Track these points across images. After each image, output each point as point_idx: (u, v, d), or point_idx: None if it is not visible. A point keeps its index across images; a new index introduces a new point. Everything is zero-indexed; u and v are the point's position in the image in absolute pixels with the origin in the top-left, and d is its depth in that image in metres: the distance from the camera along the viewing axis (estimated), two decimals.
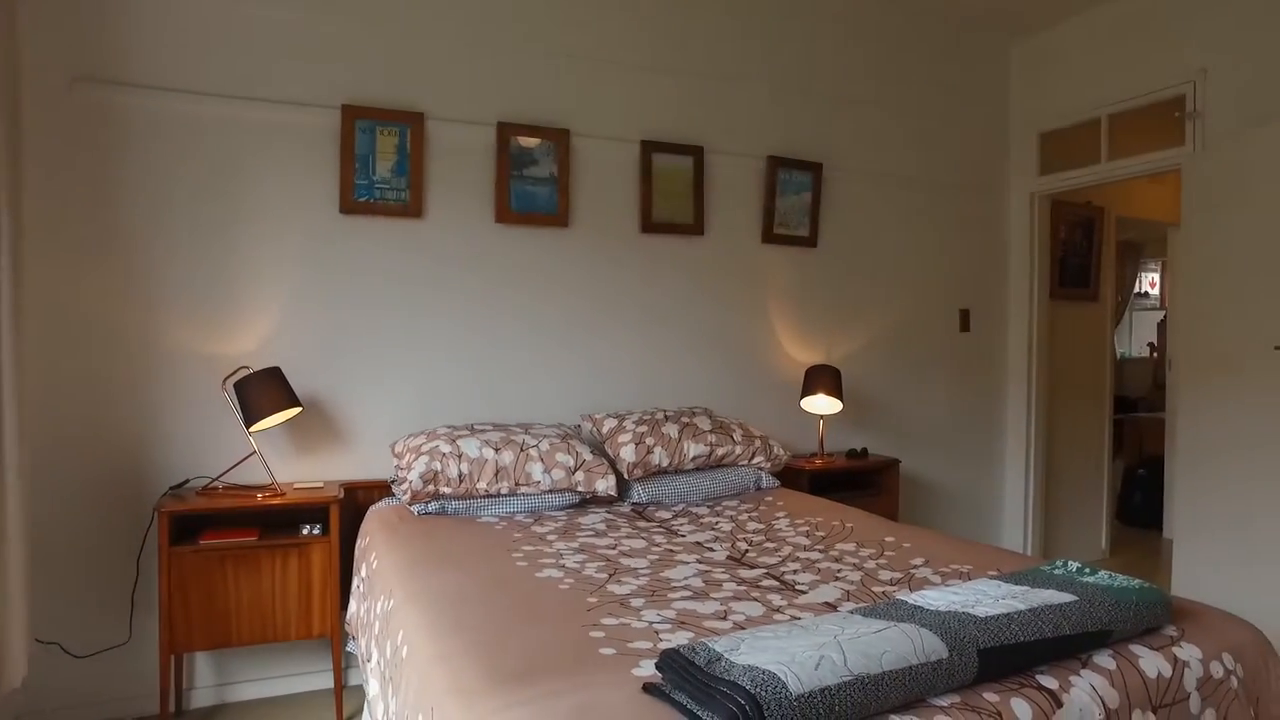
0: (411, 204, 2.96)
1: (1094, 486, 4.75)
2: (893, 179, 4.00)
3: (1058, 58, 4.17)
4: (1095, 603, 1.50)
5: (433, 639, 1.56)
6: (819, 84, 3.79)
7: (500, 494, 2.67)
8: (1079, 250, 4.63)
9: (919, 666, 1.24)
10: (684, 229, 3.44)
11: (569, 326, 3.27)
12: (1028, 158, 4.33)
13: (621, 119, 3.34)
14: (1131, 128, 3.88)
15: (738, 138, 3.58)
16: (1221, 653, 1.56)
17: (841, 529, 2.45)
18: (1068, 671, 1.40)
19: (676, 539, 2.36)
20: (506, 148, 3.10)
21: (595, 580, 1.92)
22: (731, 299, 3.58)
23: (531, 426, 2.90)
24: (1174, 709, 1.45)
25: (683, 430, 2.98)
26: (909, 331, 4.08)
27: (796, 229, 3.69)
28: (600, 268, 3.32)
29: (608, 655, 1.44)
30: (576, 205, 3.26)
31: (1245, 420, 3.01)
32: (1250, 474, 2.99)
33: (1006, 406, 4.42)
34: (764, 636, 1.33)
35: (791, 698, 1.12)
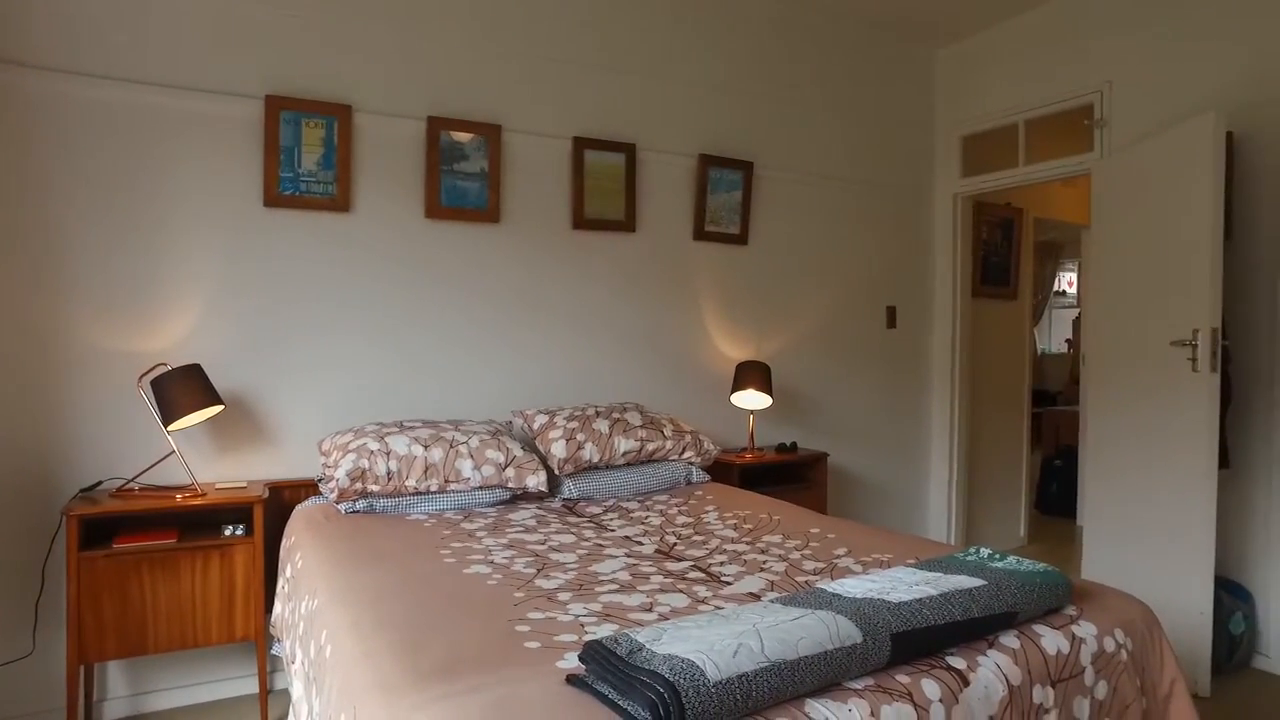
0: (339, 198, 2.91)
1: (1014, 477, 4.94)
2: (822, 179, 4.09)
3: (979, 65, 4.33)
4: (1002, 587, 1.57)
5: (356, 637, 1.54)
6: (751, 84, 3.85)
7: (430, 491, 2.64)
8: (999, 250, 4.81)
9: (834, 652, 1.29)
10: (616, 225, 3.46)
11: (500, 322, 3.25)
12: (951, 160, 4.48)
13: (554, 115, 3.34)
14: (1046, 133, 4.05)
15: (670, 136, 3.61)
16: (1114, 629, 1.65)
17: (769, 521, 2.50)
18: (975, 652, 1.47)
19: (606, 534, 2.38)
20: (437, 142, 3.07)
21: (523, 575, 1.93)
22: (663, 295, 3.62)
23: (462, 423, 2.87)
24: (1071, 683, 1.53)
25: (613, 426, 3.00)
26: (838, 328, 4.18)
27: (727, 227, 3.75)
28: (532, 264, 3.31)
29: (532, 649, 1.45)
30: (508, 201, 3.25)
31: (1145, 412, 3.17)
32: (1148, 461, 3.15)
33: (931, 401, 4.57)
34: (685, 626, 1.35)
35: (709, 684, 1.15)
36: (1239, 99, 3.20)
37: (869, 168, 4.27)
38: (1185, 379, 2.96)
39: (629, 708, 1.17)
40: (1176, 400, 3.01)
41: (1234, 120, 3.18)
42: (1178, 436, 3.00)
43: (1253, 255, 3.18)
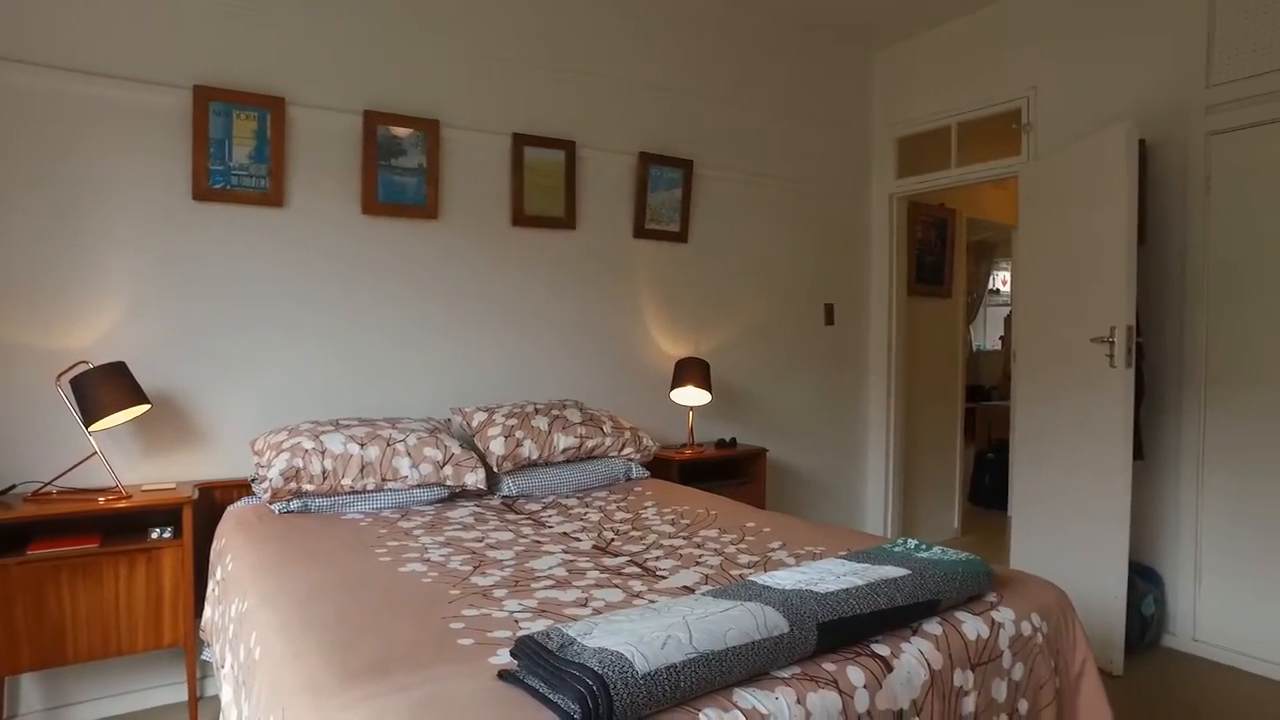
0: (272, 192, 2.85)
1: (948, 471, 5.09)
2: (761, 178, 4.15)
3: (913, 69, 4.44)
4: (926, 576, 1.63)
5: (285, 638, 1.52)
6: (691, 84, 3.88)
7: (366, 490, 2.61)
8: (934, 249, 4.94)
9: (761, 642, 1.32)
10: (556, 222, 3.46)
11: (439, 319, 3.22)
12: (886, 161, 4.58)
13: (494, 112, 3.32)
14: (978, 136, 4.17)
15: (610, 133, 3.62)
16: (1031, 613, 1.73)
17: (706, 516, 2.53)
18: (899, 639, 1.52)
19: (544, 530, 2.38)
20: (374, 137, 3.02)
21: (459, 573, 1.92)
22: (603, 292, 3.63)
23: (399, 421, 2.85)
24: (989, 666, 1.60)
25: (553, 423, 3.00)
26: (776, 325, 4.24)
27: (668, 224, 3.78)
28: (471, 260, 3.29)
29: (466, 646, 1.45)
30: (446, 197, 3.22)
31: (1067, 406, 3.30)
32: (1069, 453, 3.28)
33: (868, 396, 4.68)
34: (617, 620, 1.37)
35: (638, 676, 1.17)
36: (1152, 109, 3.34)
37: (807, 167, 4.35)
38: (1103, 374, 3.08)
39: (559, 701, 1.18)
40: (1095, 395, 3.14)
41: (1147, 129, 3.33)
42: (1096, 429, 3.13)
43: (1165, 257, 3.33)
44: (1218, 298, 3.19)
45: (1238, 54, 3.11)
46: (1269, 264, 3.04)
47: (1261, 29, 3.05)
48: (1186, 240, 3.27)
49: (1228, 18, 3.13)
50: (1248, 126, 3.09)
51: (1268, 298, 3.05)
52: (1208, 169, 3.20)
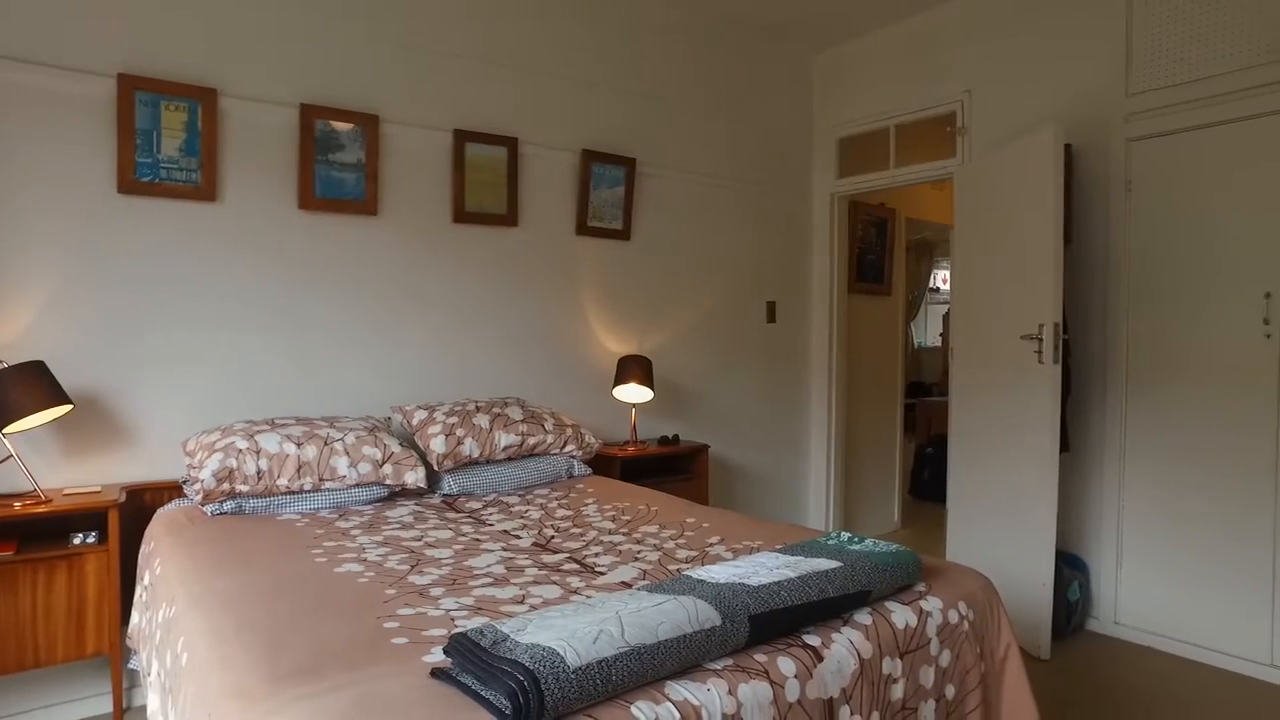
0: (204, 186, 2.77)
1: (889, 465, 5.20)
2: (704, 176, 4.18)
3: (853, 70, 4.52)
4: (857, 568, 1.67)
5: (213, 643, 1.49)
6: (634, 82, 3.90)
7: (303, 490, 2.56)
8: (874, 248, 5.04)
9: (693, 635, 1.34)
10: (497, 219, 3.44)
11: (380, 317, 3.18)
12: (827, 161, 4.66)
13: (434, 107, 3.29)
14: (915, 138, 4.27)
15: (552, 130, 3.62)
16: (958, 601, 1.78)
17: (647, 512, 2.55)
18: (830, 630, 1.55)
19: (484, 528, 2.37)
20: (311, 131, 2.97)
21: (396, 572, 1.90)
22: (545, 290, 3.62)
23: (337, 420, 2.80)
24: (917, 653, 1.65)
25: (494, 420, 2.99)
26: (719, 322, 4.29)
27: (610, 222, 3.78)
28: (411, 257, 3.25)
29: (400, 645, 1.44)
30: (386, 193, 3.17)
31: (999, 401, 3.41)
32: (1001, 446, 3.38)
33: (810, 393, 4.75)
34: (551, 616, 1.38)
35: (569, 670, 1.18)
36: (1077, 115, 3.47)
37: (750, 167, 4.40)
38: (1032, 370, 3.19)
39: (490, 697, 1.18)
40: (1025, 390, 3.24)
41: (1073, 134, 3.45)
42: (1026, 423, 3.24)
43: (1090, 258, 3.46)
44: (1138, 297, 3.32)
45: (1153, 66, 3.24)
46: (1183, 266, 3.18)
47: (1172, 44, 3.18)
48: (1109, 242, 3.40)
49: (1143, 32, 3.27)
50: (1162, 134, 3.22)
51: (1183, 298, 3.19)
52: (1128, 174, 3.33)
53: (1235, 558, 3.05)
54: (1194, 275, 3.16)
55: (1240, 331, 3.03)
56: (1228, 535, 3.07)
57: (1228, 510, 3.06)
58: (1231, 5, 3.03)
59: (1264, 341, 2.97)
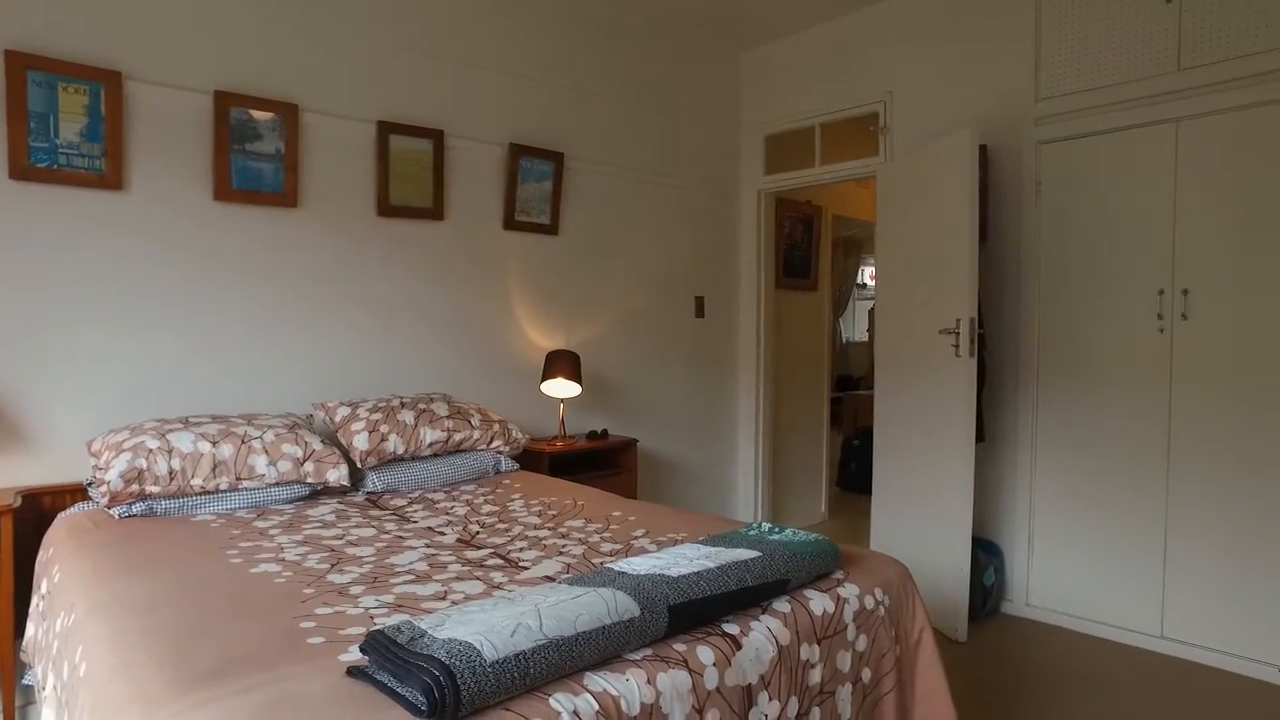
0: (110, 174, 2.65)
1: (816, 458, 5.31)
2: (633, 172, 4.19)
3: (780, 69, 4.59)
4: (775, 557, 1.70)
5: (115, 649, 1.43)
6: (562, 76, 3.88)
7: (219, 490, 2.48)
8: (801, 244, 5.13)
9: (612, 626, 1.34)
10: (423, 213, 3.38)
11: (300, 311, 3.10)
12: (755, 158, 4.72)
13: (357, 98, 3.21)
14: (840, 137, 4.36)
15: (479, 124, 3.57)
16: (874, 588, 1.84)
17: (573, 507, 2.55)
18: (749, 618, 1.58)
19: (408, 525, 2.34)
20: (226, 119, 2.87)
21: (315, 571, 1.86)
22: (472, 285, 3.58)
23: (256, 417, 2.72)
24: (835, 639, 1.69)
25: (419, 416, 2.95)
26: (648, 317, 4.31)
27: (538, 216, 3.76)
28: (334, 250, 3.18)
29: (316, 644, 1.41)
30: (307, 185, 3.09)
31: (919, 393, 3.52)
32: (921, 437, 3.49)
33: (738, 387, 4.82)
34: (470, 611, 1.37)
35: (486, 664, 1.17)
36: (992, 117, 3.60)
37: (678, 163, 4.43)
38: (950, 363, 3.30)
39: (406, 694, 1.17)
40: (943, 382, 3.35)
41: (989, 135, 3.58)
42: (944, 414, 3.35)
43: (1004, 256, 3.59)
44: (1047, 294, 3.47)
45: (1059, 73, 3.39)
46: (1087, 264, 3.34)
47: (1076, 52, 3.33)
48: (1021, 240, 3.53)
49: (1050, 40, 3.41)
50: (1068, 138, 3.37)
51: (1087, 294, 3.34)
52: (1038, 175, 3.48)
53: (1131, 538, 3.22)
54: (1097, 273, 3.31)
55: (1138, 326, 3.20)
56: (1125, 517, 3.23)
57: (1125, 493, 3.23)
58: (1128, 19, 3.18)
59: (1158, 335, 3.14)
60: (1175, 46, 3.07)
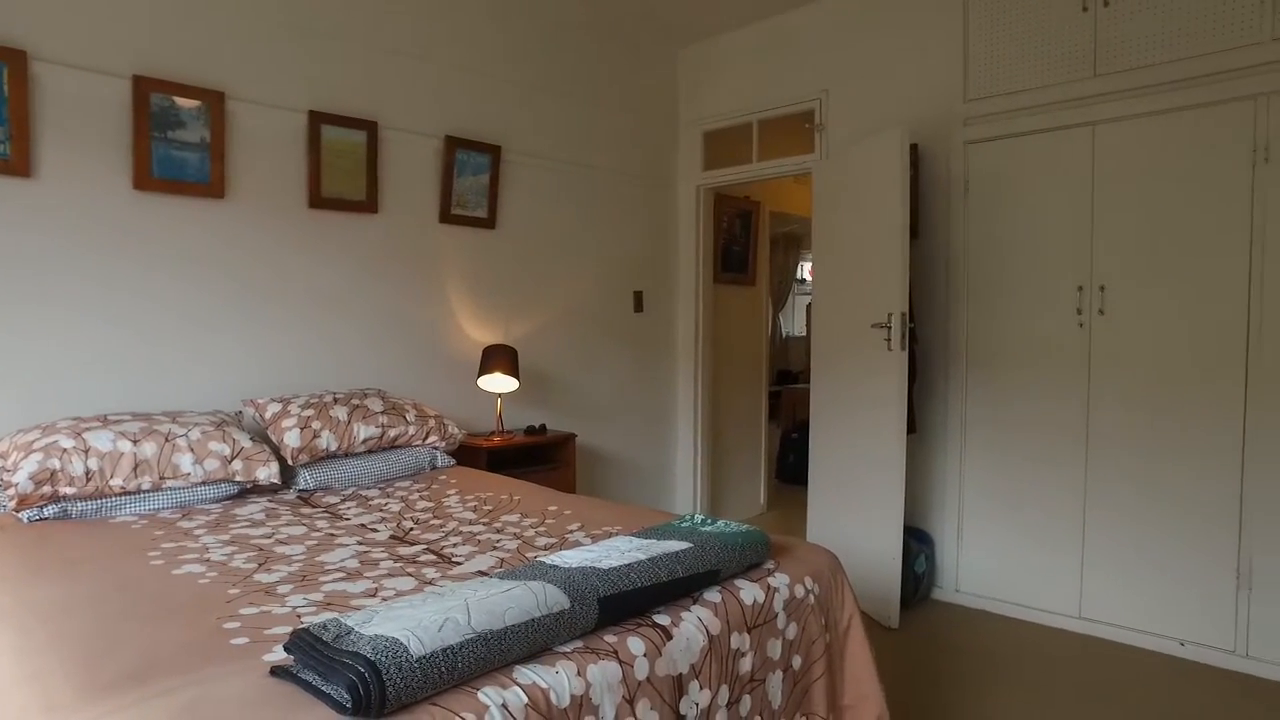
0: (15, 160, 2.53)
1: (755, 450, 5.38)
2: (571, 165, 4.18)
3: (718, 65, 4.62)
4: (706, 548, 1.72)
5: (21, 659, 1.37)
6: (500, 68, 3.84)
7: (141, 490, 2.40)
8: (739, 240, 5.18)
9: (541, 619, 1.35)
10: (357, 206, 3.32)
11: (229, 306, 3.01)
12: (693, 153, 4.76)
13: (287, 86, 3.13)
14: (777, 133, 4.42)
15: (415, 116, 3.52)
16: (804, 576, 1.88)
17: (510, 502, 2.55)
18: (680, 609, 1.60)
19: (340, 523, 2.30)
20: (146, 105, 2.76)
21: (241, 571, 1.82)
22: (408, 279, 3.53)
23: (181, 415, 2.64)
24: (765, 627, 1.72)
25: (353, 412, 2.90)
26: (586, 312, 4.31)
27: (475, 210, 3.73)
28: (264, 243, 3.09)
29: (239, 645, 1.38)
30: (235, 175, 3.00)
31: (853, 386, 3.59)
32: (855, 429, 3.58)
33: (677, 381, 4.85)
34: (399, 607, 1.36)
35: (412, 660, 1.17)
36: (924, 116, 3.69)
37: (617, 157, 4.44)
38: (882, 356, 3.38)
39: (331, 691, 1.15)
40: (876, 376, 3.43)
41: (920, 134, 3.67)
42: (876, 407, 3.43)
43: (934, 251, 3.69)
44: (976, 289, 3.58)
45: (986, 76, 3.49)
46: (1012, 260, 3.45)
47: (1001, 56, 3.44)
48: (950, 237, 3.64)
49: (978, 43, 3.51)
50: (994, 139, 3.48)
51: (1013, 289, 3.46)
52: (966, 174, 3.58)
53: (1053, 524, 3.35)
54: (1022, 269, 3.43)
55: (1059, 320, 3.32)
56: (1047, 504, 3.36)
57: (1048, 481, 3.36)
58: (1049, 26, 3.30)
59: (1077, 329, 3.27)
60: (1092, 53, 3.19)
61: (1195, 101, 2.96)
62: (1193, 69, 2.95)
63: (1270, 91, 2.81)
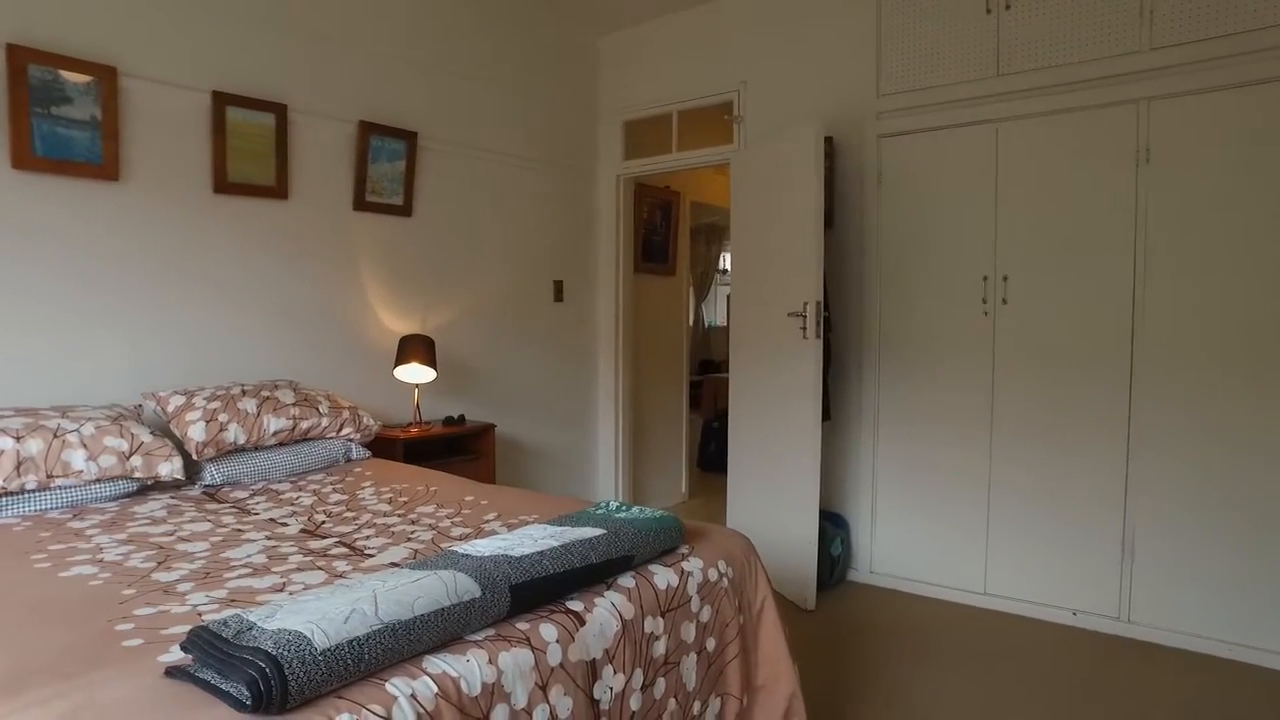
0: None
1: (676, 439, 5.44)
2: (490, 154, 4.13)
3: (639, 55, 4.63)
4: (620, 534, 1.74)
5: None
6: (415, 53, 3.76)
7: (25, 490, 2.27)
8: (660, 230, 5.21)
9: (451, 608, 1.34)
10: (266, 191, 3.20)
11: (127, 295, 2.87)
12: (613, 143, 4.76)
13: (189, 64, 2.99)
14: (697, 124, 4.46)
15: (327, 99, 3.41)
16: (718, 560, 1.91)
17: (426, 493, 2.51)
18: (594, 594, 1.61)
19: (248, 518, 2.23)
20: (24, 78, 2.59)
21: (138, 571, 1.75)
22: (321, 267, 3.43)
23: (72, 409, 2.50)
24: (678, 611, 1.75)
25: (263, 404, 2.81)
26: (506, 301, 4.27)
27: (391, 197, 3.64)
28: (165, 229, 2.96)
29: (131, 647, 1.33)
30: (131, 157, 2.86)
31: (770, 374, 3.67)
32: (772, 417, 3.65)
33: (598, 370, 4.86)
34: (305, 600, 1.32)
35: (317, 653, 1.14)
36: (839, 110, 3.78)
37: (537, 145, 4.40)
38: (798, 345, 3.45)
39: (230, 689, 1.12)
40: (792, 364, 3.51)
41: (835, 128, 3.75)
42: (793, 395, 3.50)
43: (848, 242, 3.79)
44: (889, 279, 3.69)
45: (897, 72, 3.60)
46: (923, 251, 3.57)
47: (912, 53, 3.55)
48: (864, 228, 3.74)
49: (890, 40, 3.62)
50: (905, 133, 3.59)
51: (924, 279, 3.58)
52: (879, 167, 3.68)
53: (961, 505, 3.49)
54: (932, 260, 3.56)
55: (966, 309, 3.46)
56: (955, 486, 3.51)
57: (955, 464, 3.50)
58: (955, 26, 3.42)
59: (983, 317, 3.41)
60: (995, 54, 3.33)
61: (1085, 104, 3.12)
62: (1082, 73, 3.11)
63: (1149, 97, 2.99)
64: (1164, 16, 2.95)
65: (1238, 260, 2.87)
